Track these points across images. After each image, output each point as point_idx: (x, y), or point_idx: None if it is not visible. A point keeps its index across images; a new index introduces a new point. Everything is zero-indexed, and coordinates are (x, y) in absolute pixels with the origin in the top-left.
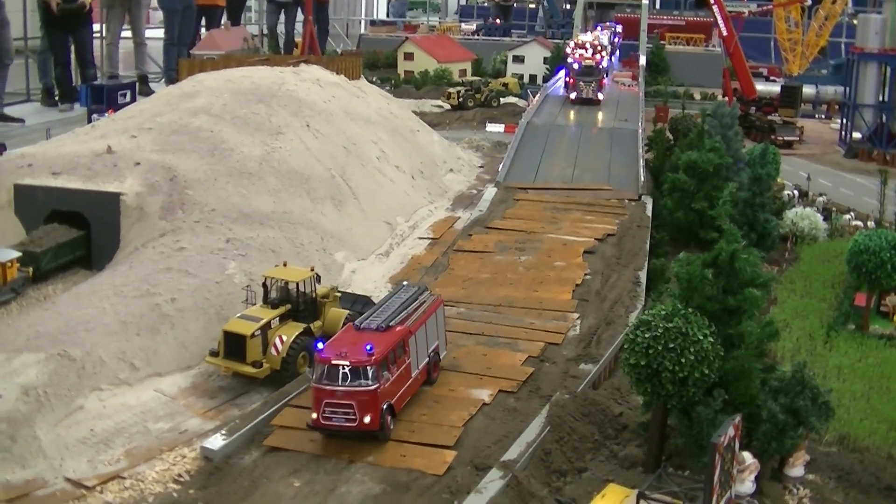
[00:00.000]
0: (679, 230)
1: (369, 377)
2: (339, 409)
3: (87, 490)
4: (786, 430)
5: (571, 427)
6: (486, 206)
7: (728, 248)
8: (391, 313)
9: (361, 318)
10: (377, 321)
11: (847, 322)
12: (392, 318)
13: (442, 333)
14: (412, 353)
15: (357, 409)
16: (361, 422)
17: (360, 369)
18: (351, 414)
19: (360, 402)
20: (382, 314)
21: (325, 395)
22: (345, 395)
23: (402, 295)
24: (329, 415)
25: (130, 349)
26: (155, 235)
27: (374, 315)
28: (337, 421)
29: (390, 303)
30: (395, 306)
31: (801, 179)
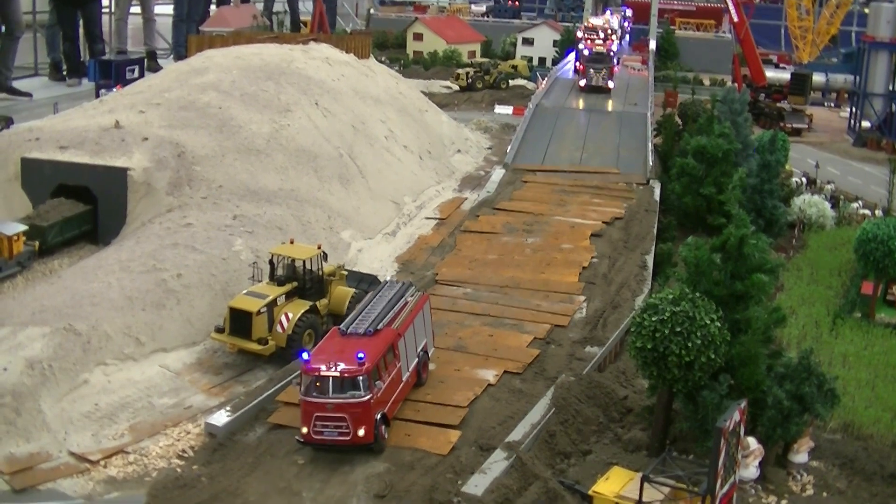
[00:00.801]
0: (687, 215)
1: (361, 388)
2: (331, 422)
3: (90, 464)
4: (791, 416)
5: (576, 409)
6: (493, 188)
7: (737, 234)
8: (377, 315)
9: (346, 321)
10: (363, 325)
11: (853, 310)
12: (379, 320)
13: (429, 330)
14: (402, 356)
15: (350, 423)
16: (356, 435)
17: (352, 380)
18: (344, 427)
19: (353, 415)
20: (368, 316)
21: (315, 409)
22: (336, 408)
23: (387, 293)
24: (320, 429)
25: (136, 324)
26: (162, 211)
27: (359, 318)
28: (329, 435)
29: (375, 303)
30: (381, 307)
31: (809, 167)
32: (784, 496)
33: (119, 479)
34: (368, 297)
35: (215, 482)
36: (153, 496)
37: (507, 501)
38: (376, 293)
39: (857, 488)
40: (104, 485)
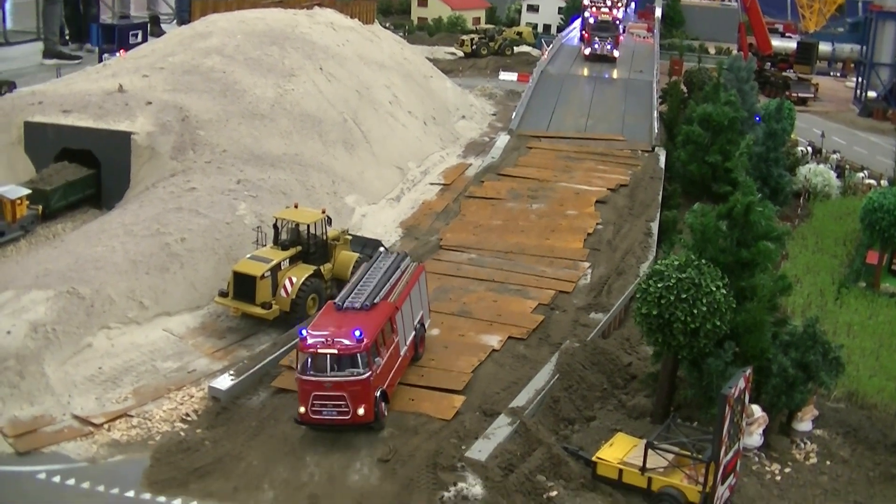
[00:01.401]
0: (692, 183)
1: (360, 365)
2: (330, 401)
3: (94, 427)
4: (795, 384)
5: (580, 375)
6: (498, 154)
7: (743, 201)
8: (373, 288)
9: (341, 295)
10: (360, 299)
11: (858, 279)
12: (375, 293)
13: (426, 302)
14: (399, 331)
15: (350, 401)
16: (355, 414)
17: (350, 357)
18: (343, 406)
19: (352, 394)
20: (364, 290)
21: (313, 387)
22: (335, 387)
23: (382, 265)
24: (318, 408)
25: (139, 288)
26: (165, 175)
27: (355, 291)
28: (328, 414)
29: (370, 275)
30: (376, 279)
31: (814, 136)
32: (787, 464)
33: (122, 442)
34: (363, 270)
35: (219, 446)
36: (157, 459)
37: (510, 467)
38: (371, 265)
39: (861, 457)
40: (108, 448)
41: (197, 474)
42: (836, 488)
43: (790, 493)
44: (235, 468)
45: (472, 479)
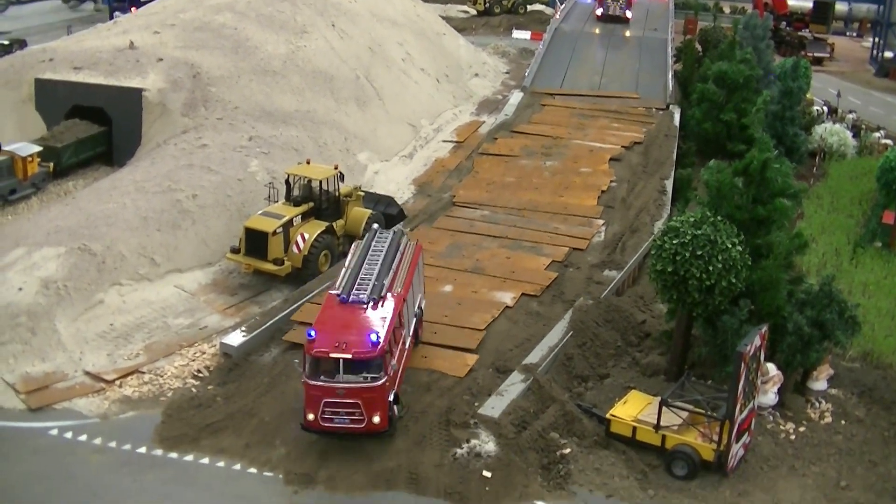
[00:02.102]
0: (706, 141)
1: (376, 370)
2: (343, 408)
3: (106, 384)
4: (811, 343)
5: (594, 333)
6: (511, 111)
7: (760, 157)
8: (378, 277)
9: (343, 285)
10: (365, 292)
11: (874, 239)
12: (380, 285)
13: (422, 282)
14: (406, 322)
15: (364, 409)
16: (370, 422)
17: (366, 362)
18: (357, 414)
19: (367, 401)
20: (367, 279)
21: (324, 394)
22: (349, 394)
23: (380, 245)
24: (330, 416)
25: (151, 245)
26: (177, 132)
27: (358, 282)
28: (340, 422)
29: (370, 259)
30: (378, 266)
31: (830, 96)
32: (802, 423)
33: (134, 398)
34: (360, 253)
35: (230, 402)
36: (168, 416)
37: (523, 424)
38: (366, 246)
39: (876, 417)
40: (119, 404)
41: (208, 430)
42: (850, 448)
43: (804, 452)
44: (247, 425)
45: (485, 436)
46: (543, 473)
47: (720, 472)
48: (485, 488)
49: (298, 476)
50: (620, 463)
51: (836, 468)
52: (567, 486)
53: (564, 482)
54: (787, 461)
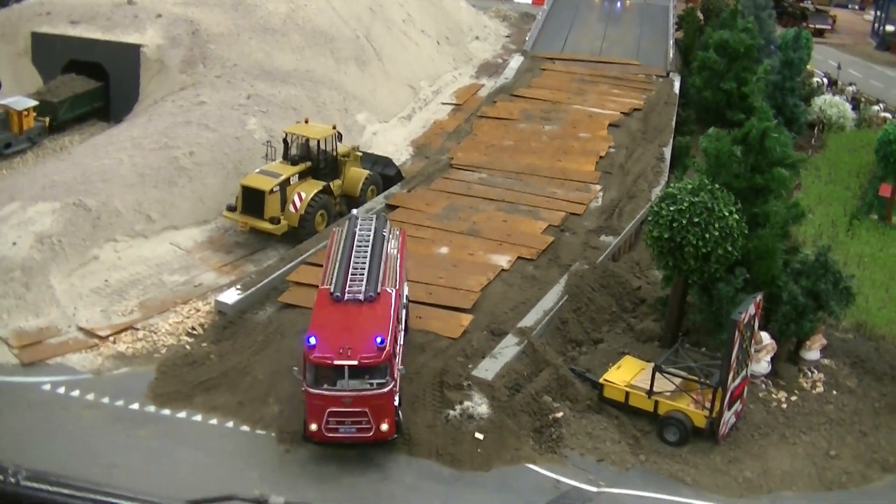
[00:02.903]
0: (706, 109)
1: (384, 376)
2: (349, 417)
3: (99, 339)
4: (805, 312)
5: (589, 297)
6: (511, 75)
7: (759, 126)
8: (370, 272)
9: (335, 283)
10: (360, 288)
11: (870, 212)
12: (375, 280)
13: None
14: (401, 317)
15: (372, 417)
16: (378, 430)
17: (372, 368)
18: (364, 422)
19: (375, 408)
20: (360, 274)
21: (328, 403)
22: (355, 402)
23: (365, 234)
24: (334, 426)
25: (147, 201)
26: (175, 89)
27: (350, 277)
28: (346, 432)
29: (358, 250)
30: (368, 257)
31: (831, 68)
32: (794, 392)
33: (128, 354)
34: (345, 244)
35: (224, 360)
36: (162, 372)
37: (517, 387)
38: (350, 235)
39: (867, 387)
40: (113, 360)
41: (202, 388)
42: (841, 418)
43: (796, 421)
44: (241, 382)
45: (478, 398)
46: (535, 437)
47: (711, 439)
48: (477, 450)
49: (291, 434)
50: (612, 428)
51: (827, 438)
52: (559, 449)
53: (556, 446)
54: (778, 429)
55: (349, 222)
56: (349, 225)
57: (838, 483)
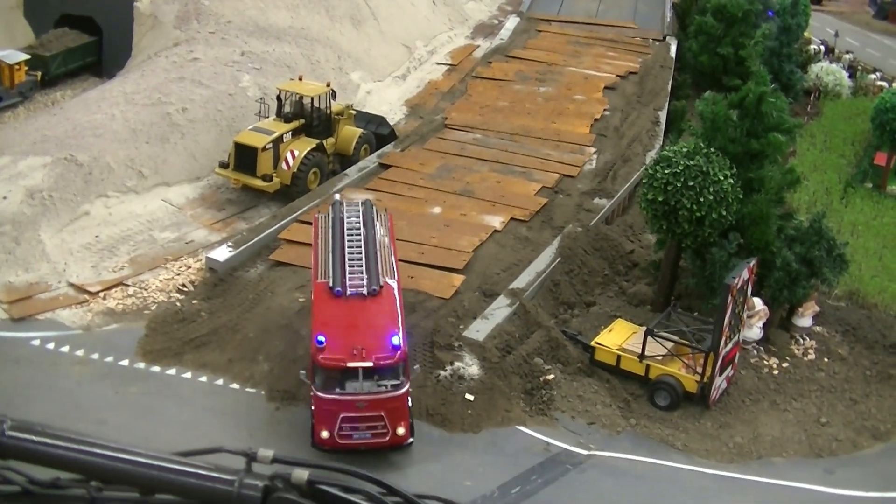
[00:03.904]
0: (702, 74)
1: (399, 376)
2: (364, 423)
3: (90, 295)
4: (798, 279)
5: (582, 260)
6: (507, 36)
7: (756, 90)
8: (369, 263)
9: (332, 277)
10: (361, 281)
11: (865, 180)
12: (374, 270)
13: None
14: None
15: (388, 420)
16: (394, 435)
17: (387, 369)
18: (380, 427)
19: (391, 412)
20: (358, 266)
21: (341, 408)
22: (371, 405)
23: (353, 220)
24: (348, 432)
25: (139, 157)
26: (168, 45)
27: (349, 269)
28: (360, 438)
29: (350, 239)
30: (362, 245)
31: (828, 36)
32: (786, 359)
33: (118, 311)
34: (334, 233)
35: (215, 317)
36: (152, 329)
37: (508, 348)
38: (338, 222)
39: (859, 356)
40: (103, 316)
41: (192, 345)
42: (832, 385)
43: (786, 387)
44: (231, 340)
45: (469, 359)
46: (526, 398)
47: (702, 404)
48: (467, 411)
49: (280, 393)
50: (603, 391)
51: (817, 404)
52: (549, 411)
53: (547, 408)
54: (768, 396)
55: (334, 208)
56: (334, 211)
57: (828, 450)
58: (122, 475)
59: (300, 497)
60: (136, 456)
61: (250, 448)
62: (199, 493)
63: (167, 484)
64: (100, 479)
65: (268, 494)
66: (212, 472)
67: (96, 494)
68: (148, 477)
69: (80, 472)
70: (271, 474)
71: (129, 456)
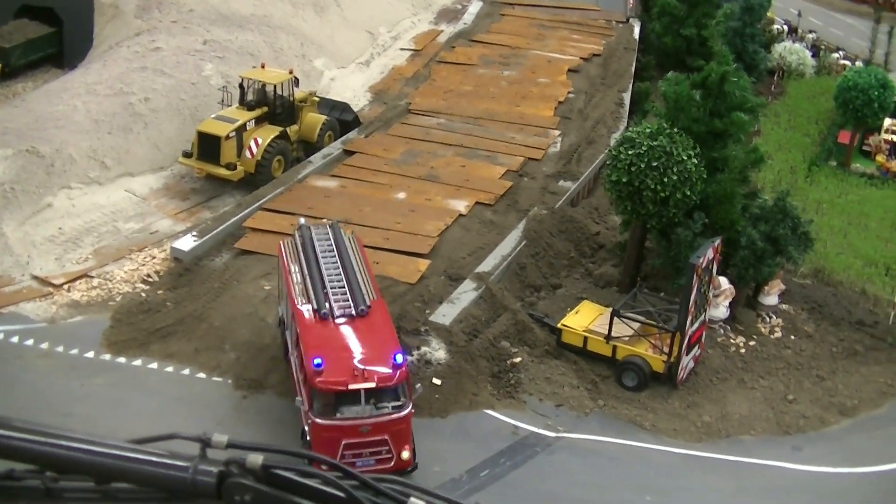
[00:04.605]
0: (666, 55)
1: (400, 396)
2: (367, 448)
3: (54, 288)
4: (764, 257)
5: (548, 243)
6: (471, 20)
7: (718, 70)
8: (352, 284)
9: (315, 300)
10: (347, 301)
11: (829, 158)
12: (359, 290)
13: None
14: None
15: (393, 444)
16: (399, 459)
17: (389, 390)
18: (385, 451)
19: (396, 434)
20: (340, 287)
21: (343, 434)
22: (375, 429)
23: (325, 243)
24: (351, 459)
25: (102, 148)
26: (130, 35)
27: (332, 291)
28: (364, 465)
29: (326, 261)
30: (340, 267)
31: (791, 16)
32: (753, 337)
33: (83, 302)
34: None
35: (181, 307)
36: (117, 320)
37: (475, 332)
38: (309, 247)
39: (825, 332)
40: (67, 308)
41: (158, 335)
42: (799, 362)
43: (754, 365)
44: (197, 329)
45: (436, 343)
46: (494, 382)
47: (670, 384)
48: (434, 396)
49: (248, 381)
50: (571, 373)
51: (784, 382)
52: (517, 394)
53: (514, 391)
54: (736, 374)
55: (300, 232)
56: (302, 235)
57: (796, 427)
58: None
59: (255, 482)
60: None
61: (205, 433)
62: (154, 480)
63: (122, 472)
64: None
65: (223, 480)
66: (166, 459)
67: (52, 485)
68: (103, 465)
69: (34, 462)
70: (226, 459)
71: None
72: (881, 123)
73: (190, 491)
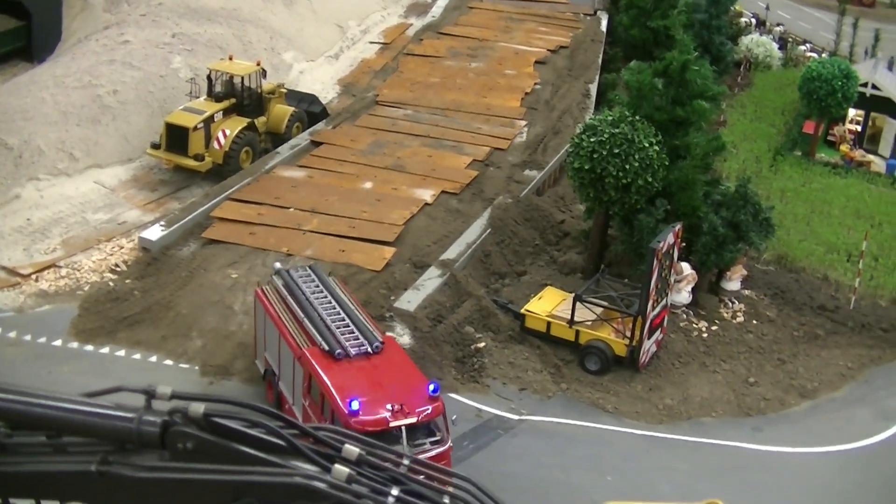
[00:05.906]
0: (633, 47)
1: (437, 431)
2: None
3: (22, 278)
4: (725, 243)
5: (513, 231)
6: (439, 13)
7: (679, 59)
8: (354, 322)
9: (324, 341)
10: (358, 339)
11: (794, 148)
12: (365, 327)
13: None
14: None
15: None
16: None
17: (429, 424)
18: None
19: None
20: (346, 326)
21: None
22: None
23: (313, 285)
24: None
25: (70, 139)
26: (99, 28)
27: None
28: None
29: (321, 303)
30: (336, 305)
31: (759, 9)
32: (715, 322)
33: (50, 292)
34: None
35: (148, 295)
36: (85, 309)
37: (439, 317)
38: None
39: (787, 318)
40: (35, 298)
41: (125, 323)
42: (761, 346)
43: (716, 349)
44: (164, 317)
45: (401, 329)
46: (458, 366)
47: (632, 368)
48: None
49: (214, 368)
50: (534, 357)
51: (746, 365)
52: (481, 379)
53: (478, 375)
54: (698, 358)
55: (280, 276)
56: (283, 279)
57: (757, 409)
58: (29, 419)
59: (198, 430)
60: (41, 399)
61: (150, 385)
62: (102, 431)
63: (72, 424)
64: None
65: (166, 429)
66: (112, 411)
67: (5, 440)
68: (53, 419)
69: None
70: (170, 409)
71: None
72: (845, 113)
73: (135, 441)
